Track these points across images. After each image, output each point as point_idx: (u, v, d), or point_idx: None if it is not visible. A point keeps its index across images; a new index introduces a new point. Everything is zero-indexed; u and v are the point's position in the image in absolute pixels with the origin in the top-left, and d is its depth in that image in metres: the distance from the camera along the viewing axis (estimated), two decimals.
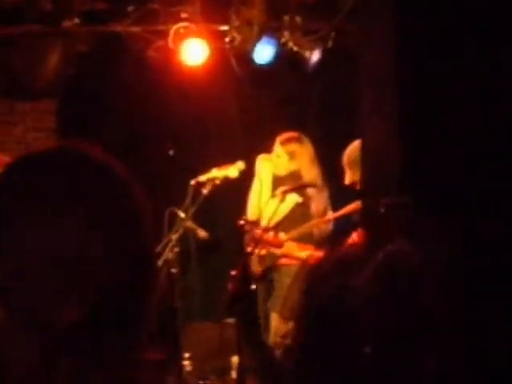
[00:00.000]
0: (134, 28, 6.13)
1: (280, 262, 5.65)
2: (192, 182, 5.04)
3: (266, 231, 5.18)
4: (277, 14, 6.06)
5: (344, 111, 4.68)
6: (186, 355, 5.44)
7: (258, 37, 5.99)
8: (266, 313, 5.68)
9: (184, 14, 5.97)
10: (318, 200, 5.68)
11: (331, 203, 5.73)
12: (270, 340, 5.54)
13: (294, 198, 5.58)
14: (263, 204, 5.57)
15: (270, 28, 6.08)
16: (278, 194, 5.16)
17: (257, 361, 5.03)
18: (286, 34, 6.12)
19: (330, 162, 5.39)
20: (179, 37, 5.99)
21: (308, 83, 6.51)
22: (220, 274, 5.39)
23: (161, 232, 4.90)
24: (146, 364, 1.12)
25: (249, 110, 6.73)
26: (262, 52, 6.10)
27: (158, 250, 4.73)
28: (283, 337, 5.24)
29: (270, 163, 5.76)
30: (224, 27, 6.09)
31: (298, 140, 5.74)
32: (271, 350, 5.44)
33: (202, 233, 5.30)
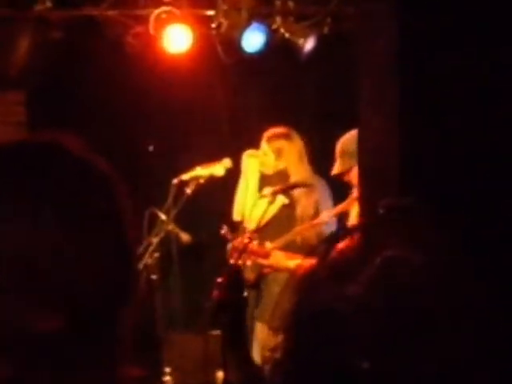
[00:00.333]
0: (110, 12, 6.03)
1: (266, 270, 5.43)
2: (174, 180, 5.06)
3: (251, 241, 4.91)
4: None
5: (340, 103, 4.79)
6: (167, 370, 5.41)
7: (247, 23, 5.91)
8: (251, 322, 5.52)
9: None
10: (306, 202, 5.42)
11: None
12: (257, 354, 5.35)
13: (280, 199, 5.35)
14: (250, 205, 5.36)
15: (260, 13, 6.02)
16: (268, 195, 4.95)
17: (244, 376, 4.76)
18: (277, 19, 6.06)
19: (325, 156, 5.23)
20: (161, 22, 5.86)
21: (301, 73, 6.48)
22: (204, 280, 5.43)
23: (140, 235, 4.97)
24: (126, 381, 1.11)
25: (236, 103, 6.72)
26: (252, 39, 5.98)
27: (137, 254, 4.64)
28: (272, 350, 5.13)
29: (257, 160, 5.57)
30: (210, 12, 6.00)
31: (286, 136, 5.51)
32: (259, 364, 5.22)
33: (184, 236, 5.37)
